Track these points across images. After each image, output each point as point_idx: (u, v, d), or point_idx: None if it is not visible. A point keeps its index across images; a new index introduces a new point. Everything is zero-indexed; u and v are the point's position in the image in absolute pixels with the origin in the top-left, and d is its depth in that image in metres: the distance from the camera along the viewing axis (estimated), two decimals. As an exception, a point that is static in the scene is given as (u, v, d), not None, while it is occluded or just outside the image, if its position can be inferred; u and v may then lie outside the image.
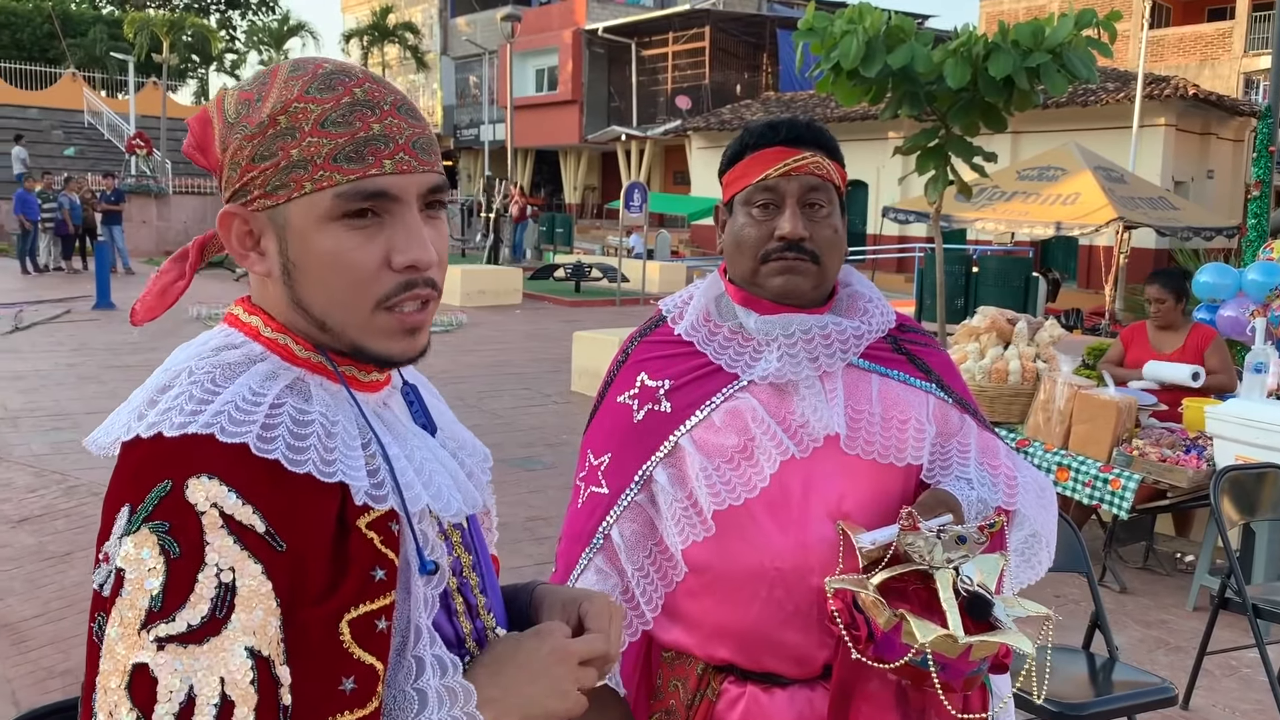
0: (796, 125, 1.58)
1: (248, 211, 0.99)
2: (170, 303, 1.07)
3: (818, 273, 1.55)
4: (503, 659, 1.03)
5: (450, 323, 14.13)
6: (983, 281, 13.65)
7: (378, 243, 0.96)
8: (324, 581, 0.90)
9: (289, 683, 0.86)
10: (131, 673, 0.83)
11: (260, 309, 1.02)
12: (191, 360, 0.97)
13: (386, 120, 0.97)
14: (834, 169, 1.58)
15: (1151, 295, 5.49)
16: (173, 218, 26.40)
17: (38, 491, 6.07)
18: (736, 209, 1.59)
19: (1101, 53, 6.11)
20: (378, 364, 1.02)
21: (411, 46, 37.57)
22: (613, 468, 1.61)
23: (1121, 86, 19.41)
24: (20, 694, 3.69)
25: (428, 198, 1.00)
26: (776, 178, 1.54)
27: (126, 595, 0.85)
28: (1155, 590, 5.01)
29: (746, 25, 32.53)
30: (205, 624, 0.84)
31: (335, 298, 0.97)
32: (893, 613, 1.32)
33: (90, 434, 0.98)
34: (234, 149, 0.98)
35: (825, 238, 1.55)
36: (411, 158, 0.97)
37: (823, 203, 1.56)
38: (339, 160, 0.95)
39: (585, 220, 33.93)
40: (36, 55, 37.43)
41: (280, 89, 0.97)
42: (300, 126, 0.95)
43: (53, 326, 13.01)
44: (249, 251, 1.00)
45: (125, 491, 0.89)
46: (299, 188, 0.96)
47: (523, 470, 6.86)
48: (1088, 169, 13.20)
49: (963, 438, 1.64)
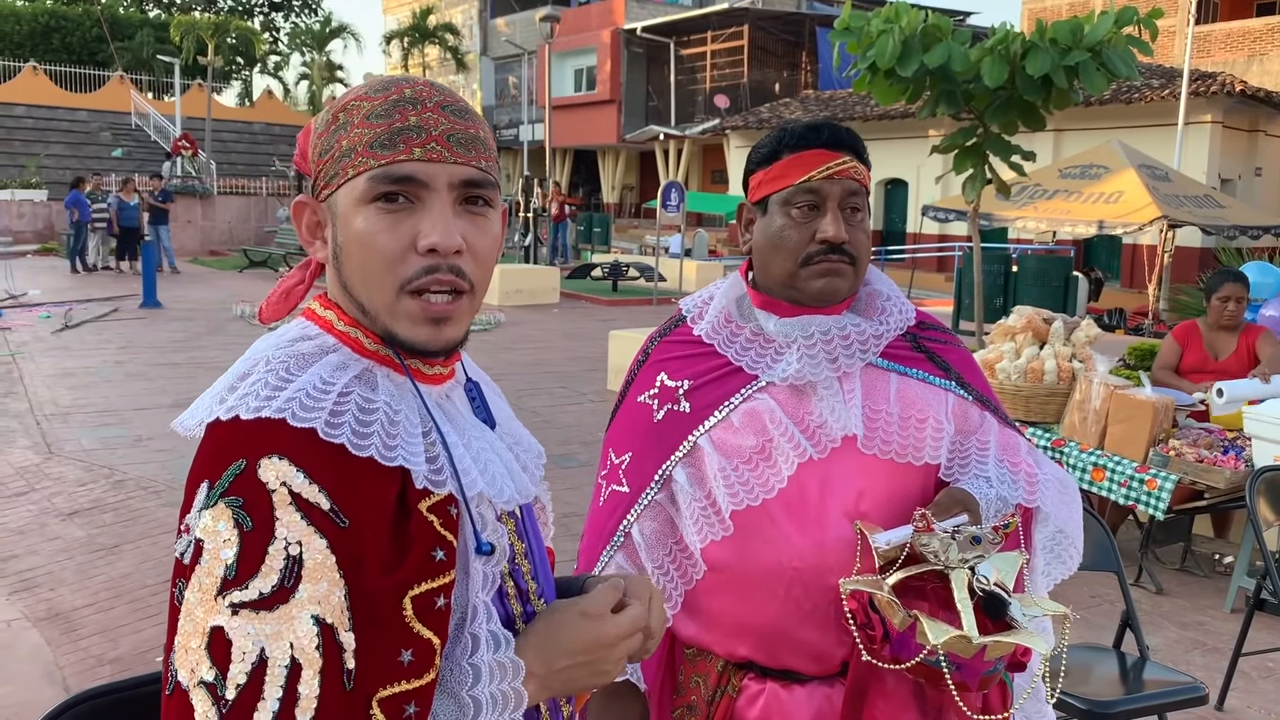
0: (837, 129, 1.59)
1: (316, 202, 1.08)
2: (294, 305, 1.16)
3: (854, 275, 1.57)
4: (550, 638, 1.08)
5: (488, 321, 14.24)
6: (1022, 281, 13.50)
7: (405, 227, 1.02)
8: (386, 558, 0.96)
9: (353, 648, 0.92)
10: (210, 634, 0.90)
11: (334, 304, 1.09)
12: (270, 350, 1.04)
13: (425, 115, 1.04)
14: (866, 174, 1.60)
15: (1231, 294, 5.26)
16: (217, 218, 26.78)
17: (87, 485, 6.23)
18: (773, 209, 1.59)
19: (1142, 50, 6.05)
20: (410, 352, 1.06)
21: (451, 47, 37.81)
22: (633, 467, 1.63)
23: (1167, 83, 19.11)
24: (70, 680, 3.80)
25: (464, 191, 1.05)
26: (820, 180, 1.54)
27: (205, 564, 0.92)
28: (1193, 591, 4.96)
29: (785, 24, 32.39)
30: (275, 592, 0.91)
31: (367, 278, 1.04)
32: (907, 613, 1.33)
33: (177, 417, 1.05)
34: (312, 148, 1.09)
35: (861, 241, 1.57)
36: (444, 148, 1.03)
37: (860, 207, 1.57)
38: (374, 147, 1.02)
39: (623, 220, 33.97)
40: (86, 59, 38.12)
41: (350, 93, 1.08)
42: (352, 120, 1.04)
43: (101, 325, 13.27)
44: (315, 239, 1.10)
45: (205, 469, 0.96)
46: (344, 175, 1.04)
47: (558, 467, 6.91)
48: (1131, 167, 13.03)
49: (982, 435, 1.64)
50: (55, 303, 14.88)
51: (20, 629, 4.24)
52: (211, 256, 25.07)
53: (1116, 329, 14.94)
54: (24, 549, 5.10)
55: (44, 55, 36.97)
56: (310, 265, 1.16)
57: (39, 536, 5.30)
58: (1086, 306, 14.58)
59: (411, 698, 0.95)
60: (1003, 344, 5.20)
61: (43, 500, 5.91)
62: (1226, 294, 5.28)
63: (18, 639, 4.15)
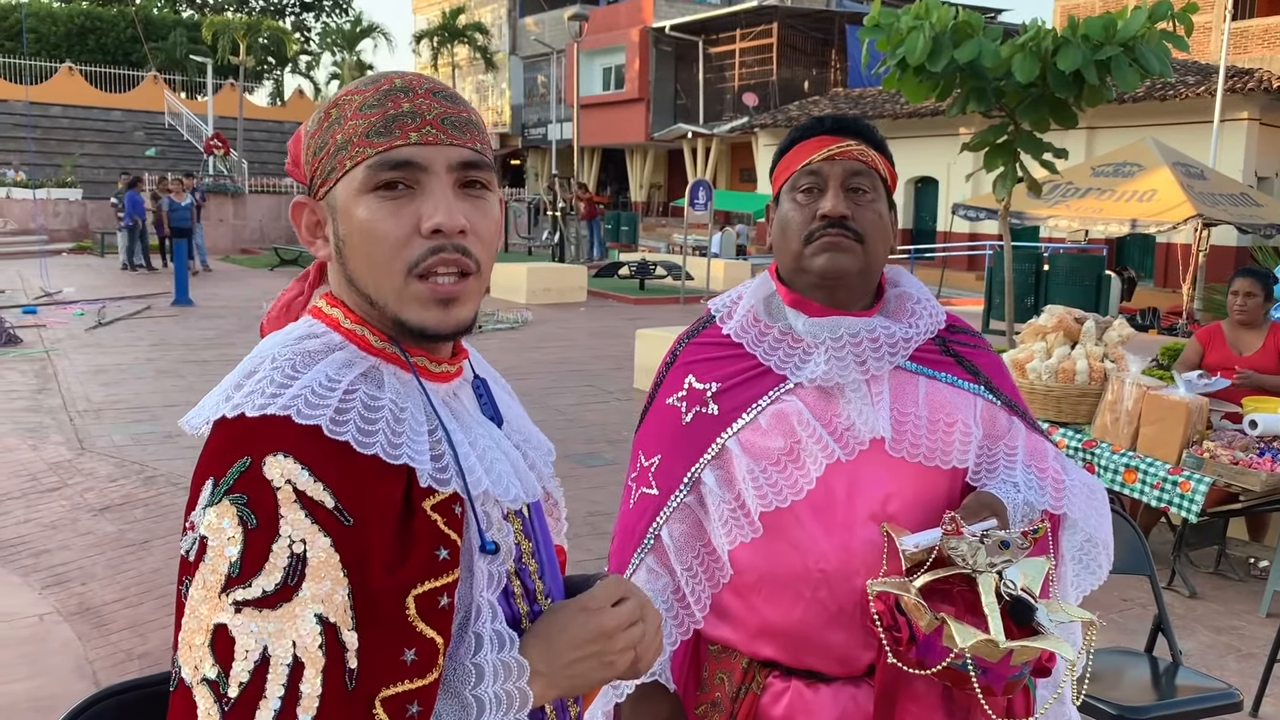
0: (841, 117, 1.61)
1: (314, 201, 1.09)
2: (294, 317, 1.15)
3: (862, 252, 1.54)
4: (553, 634, 1.07)
5: (515, 320, 14.27)
6: (1054, 280, 13.37)
7: (408, 211, 1.03)
8: (390, 556, 0.96)
9: (356, 648, 0.92)
10: (213, 631, 0.90)
11: (341, 302, 1.09)
12: (276, 348, 1.04)
13: (417, 101, 1.05)
14: (879, 159, 1.59)
15: (1240, 289, 5.29)
16: (249, 216, 27.02)
17: (118, 481, 6.29)
18: (783, 198, 1.62)
19: (1177, 46, 5.96)
20: (419, 338, 1.06)
21: (480, 47, 37.94)
22: (662, 469, 1.63)
23: (1202, 80, 18.85)
24: (100, 674, 3.84)
25: (462, 174, 1.05)
26: (820, 161, 1.56)
27: (209, 561, 0.92)
28: (1227, 595, 4.89)
29: (814, 21, 32.26)
30: (278, 590, 0.91)
31: (373, 266, 1.03)
32: (934, 616, 1.32)
33: (184, 415, 1.05)
34: (305, 150, 1.08)
35: (869, 219, 1.55)
36: (439, 131, 1.04)
37: (866, 188, 1.56)
38: (370, 135, 1.03)
39: (651, 218, 33.96)
40: (120, 59, 38.59)
41: (340, 93, 1.08)
42: (345, 114, 1.05)
43: (133, 322, 13.42)
44: (315, 238, 1.10)
45: (210, 466, 0.96)
46: (342, 167, 1.04)
47: (584, 466, 6.92)
48: (1165, 165, 12.85)
49: (1010, 440, 1.62)
50: (89, 300, 15.07)
51: (52, 623, 4.29)
52: (243, 255, 25.29)
53: (1150, 329, 14.77)
54: (56, 544, 5.17)
55: (80, 56, 37.47)
56: (308, 277, 1.16)
57: (71, 532, 5.36)
58: (1119, 306, 14.42)
59: (414, 697, 0.95)
60: (1033, 344, 5.15)
61: (75, 496, 5.98)
62: (1236, 288, 5.35)
63: (50, 633, 4.20)
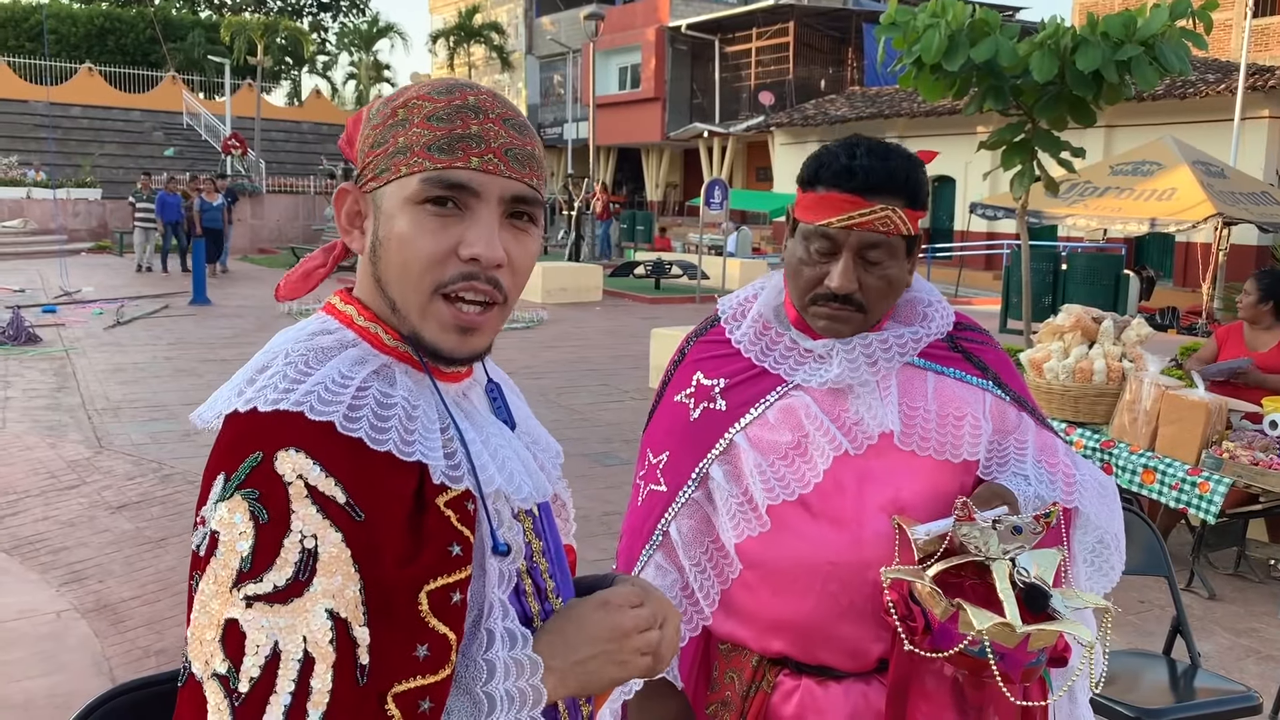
0: (874, 173, 1.47)
1: (359, 191, 1.08)
2: (312, 286, 1.16)
3: (862, 320, 1.53)
4: (567, 631, 1.07)
5: (531, 319, 14.29)
6: (1071, 279, 13.28)
7: (451, 232, 1.02)
8: (402, 552, 0.95)
9: (367, 644, 0.92)
10: (224, 627, 0.90)
11: (356, 300, 1.08)
12: (289, 343, 1.04)
13: (487, 126, 1.03)
14: (906, 219, 1.50)
15: (1244, 289, 5.43)
16: (266, 216, 27.15)
17: (136, 479, 6.33)
18: (799, 236, 1.56)
19: (1197, 44, 5.91)
20: (432, 356, 1.05)
21: (497, 46, 38.02)
22: (670, 466, 1.63)
23: (1222, 78, 18.69)
24: (117, 671, 3.86)
25: (512, 206, 1.05)
26: (837, 228, 1.49)
27: (220, 556, 0.92)
28: (1247, 597, 4.85)
29: (831, 20, 32.17)
30: (290, 585, 0.90)
31: (404, 276, 1.03)
32: (949, 602, 1.32)
33: (196, 410, 1.05)
34: (363, 138, 1.08)
35: (875, 288, 1.51)
36: (501, 161, 1.03)
37: (880, 258, 1.50)
38: (432, 150, 1.02)
39: (667, 217, 33.93)
40: (139, 60, 38.85)
41: (411, 91, 1.07)
42: (411, 119, 1.04)
43: (151, 321, 13.51)
44: (354, 229, 1.09)
45: (222, 461, 0.96)
46: (396, 171, 1.03)
47: (599, 465, 6.92)
48: (1185, 163, 12.75)
49: (1020, 435, 1.62)
50: (108, 299, 15.17)
51: (70, 620, 4.31)
52: (260, 254, 25.41)
53: (1169, 328, 14.67)
54: (74, 541, 5.20)
55: (99, 56, 37.74)
56: (335, 249, 1.15)
57: (89, 529, 5.39)
58: (1138, 305, 14.32)
59: (426, 693, 0.95)
60: (1051, 343, 5.12)
61: (93, 494, 6.02)
62: (1242, 289, 5.51)
63: (68, 629, 4.23)
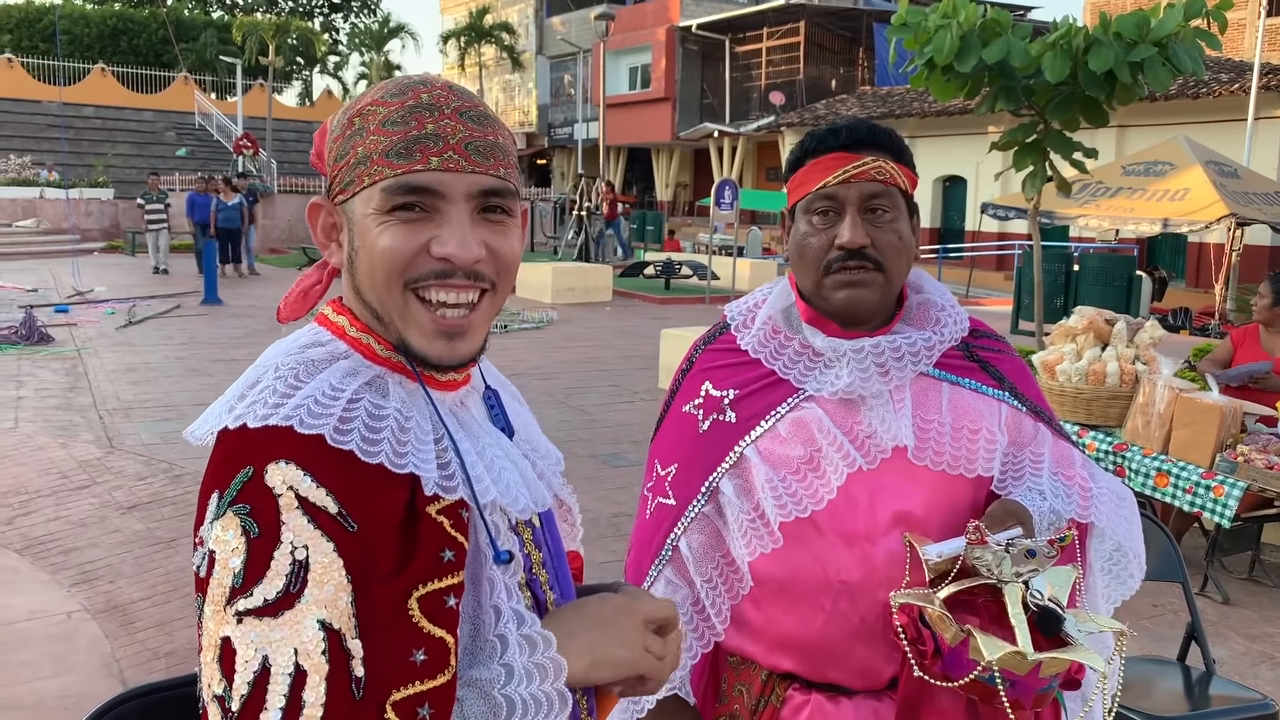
0: (857, 129, 1.51)
1: (332, 205, 1.07)
2: (311, 304, 1.15)
3: (883, 282, 1.49)
4: (570, 611, 1.08)
5: (540, 319, 14.29)
6: (1084, 280, 13.20)
7: (420, 236, 1.01)
8: (393, 561, 0.94)
9: (361, 655, 0.90)
10: (220, 646, 0.89)
11: (348, 309, 1.07)
12: (280, 357, 1.03)
13: (443, 122, 1.01)
14: (899, 172, 1.51)
15: (1259, 291, 5.41)
16: (277, 216, 27.21)
17: (146, 479, 6.34)
18: (798, 217, 1.55)
19: (1210, 44, 5.88)
20: (423, 365, 1.04)
21: (507, 46, 38.05)
22: (679, 479, 1.59)
23: (1236, 77, 18.58)
24: (127, 673, 3.86)
25: (482, 200, 1.03)
26: (836, 185, 1.48)
27: (216, 575, 0.91)
28: (1261, 602, 4.81)
29: (842, 19, 32.10)
30: (280, 598, 0.89)
31: (377, 282, 1.02)
32: (960, 628, 1.29)
33: (189, 426, 1.04)
34: (328, 151, 1.06)
35: (889, 243, 1.49)
36: (461, 157, 1.01)
37: (885, 208, 1.49)
38: (390, 156, 1.00)
39: (677, 217, 33.92)
40: (152, 60, 39.01)
41: (366, 97, 1.05)
42: (367, 126, 1.02)
43: (163, 321, 13.54)
44: (330, 242, 1.09)
45: (215, 479, 0.96)
46: (360, 182, 1.02)
47: (609, 466, 6.91)
48: (1198, 163, 12.68)
49: (1036, 448, 1.58)
50: (120, 299, 15.22)
51: (80, 620, 4.32)
52: (271, 254, 25.46)
53: (1182, 330, 14.59)
54: (85, 541, 5.21)
55: (112, 57, 37.91)
56: (328, 266, 1.15)
57: (99, 529, 5.40)
58: (1150, 307, 14.25)
59: (426, 699, 0.93)
60: (1063, 345, 5.09)
61: (104, 494, 6.03)
62: (1257, 291, 5.52)
63: (78, 630, 4.23)
